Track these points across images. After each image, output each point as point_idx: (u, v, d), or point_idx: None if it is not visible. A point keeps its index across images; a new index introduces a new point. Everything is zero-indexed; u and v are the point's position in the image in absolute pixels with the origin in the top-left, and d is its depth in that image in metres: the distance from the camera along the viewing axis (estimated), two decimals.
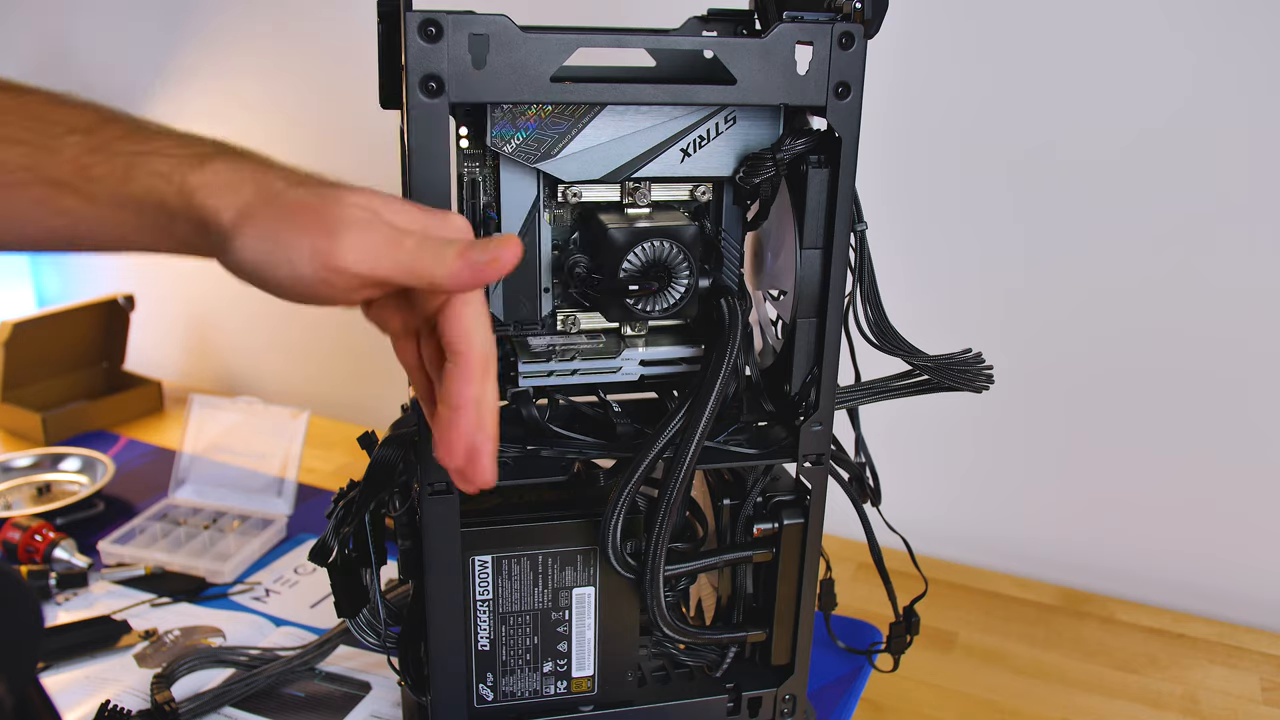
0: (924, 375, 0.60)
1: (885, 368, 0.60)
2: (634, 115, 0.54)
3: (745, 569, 0.62)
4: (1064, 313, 0.91)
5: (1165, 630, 0.85)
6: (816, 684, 0.76)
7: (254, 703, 0.71)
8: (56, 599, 0.85)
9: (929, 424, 0.96)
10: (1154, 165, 0.84)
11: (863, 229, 0.57)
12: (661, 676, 0.64)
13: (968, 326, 0.94)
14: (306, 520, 0.98)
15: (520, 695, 0.59)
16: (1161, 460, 0.90)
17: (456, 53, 0.47)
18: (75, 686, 0.73)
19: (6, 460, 1.06)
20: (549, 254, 0.58)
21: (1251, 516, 0.88)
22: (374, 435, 0.59)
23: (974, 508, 0.99)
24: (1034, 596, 0.90)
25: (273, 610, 0.85)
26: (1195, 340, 0.87)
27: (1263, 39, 0.79)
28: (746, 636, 0.62)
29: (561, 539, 0.57)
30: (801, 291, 0.56)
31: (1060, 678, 0.79)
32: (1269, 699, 0.77)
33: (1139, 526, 0.92)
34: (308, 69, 1.22)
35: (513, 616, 0.58)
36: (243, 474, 1.01)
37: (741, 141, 0.56)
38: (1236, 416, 0.87)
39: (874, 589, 0.73)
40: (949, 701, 0.76)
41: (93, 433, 1.20)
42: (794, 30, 0.51)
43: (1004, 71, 0.88)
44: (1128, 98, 0.84)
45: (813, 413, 0.58)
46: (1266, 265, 0.83)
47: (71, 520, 0.96)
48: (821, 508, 0.60)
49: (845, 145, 0.53)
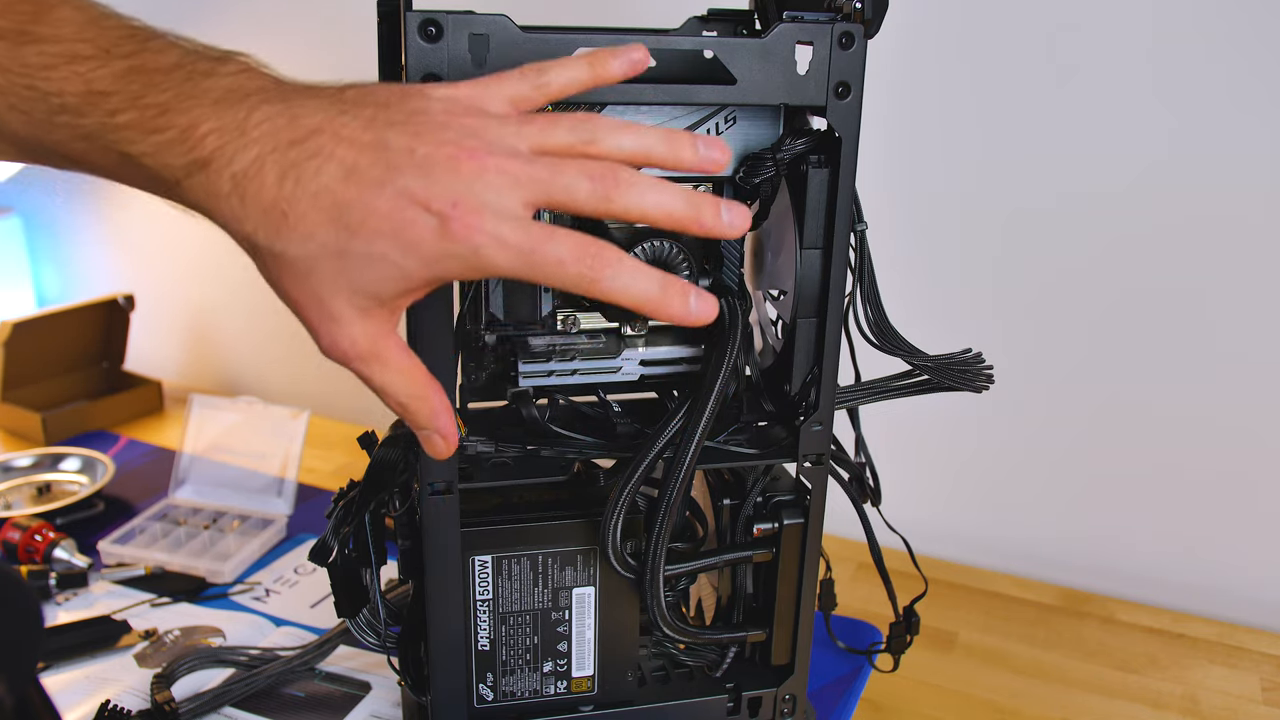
0: (924, 375, 0.60)
1: (885, 368, 0.60)
2: (634, 115, 0.54)
3: (745, 569, 0.62)
4: (1064, 312, 0.91)
5: (1165, 630, 0.85)
6: (816, 684, 0.76)
7: (254, 703, 0.71)
8: (56, 599, 0.85)
9: (929, 424, 0.96)
10: (1155, 164, 0.84)
11: (863, 229, 0.57)
12: (661, 676, 0.64)
13: (968, 326, 0.94)
14: (306, 520, 0.98)
15: (520, 695, 0.59)
16: (1162, 460, 0.90)
17: (456, 53, 0.47)
18: (75, 686, 0.73)
19: (6, 460, 1.06)
20: None
21: (1252, 517, 0.88)
22: (374, 435, 0.59)
23: (974, 508, 0.99)
24: (1034, 596, 0.90)
25: (273, 610, 0.85)
26: (1196, 340, 0.87)
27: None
28: (746, 636, 0.62)
29: (561, 539, 0.57)
30: (801, 291, 0.56)
31: (1060, 678, 0.79)
32: (1269, 699, 0.77)
33: (1139, 526, 0.92)
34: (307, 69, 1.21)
35: (513, 616, 0.58)
36: (243, 474, 1.01)
37: (741, 141, 0.56)
38: (1237, 416, 0.87)
39: (874, 589, 0.73)
40: (949, 701, 0.76)
41: (93, 433, 1.20)
42: (794, 30, 0.51)
43: (1005, 71, 0.88)
44: (1129, 97, 0.84)
45: (813, 413, 0.58)
46: (1271, 270, 0.83)
47: (71, 520, 0.96)
48: (821, 508, 0.60)
49: (845, 145, 0.53)
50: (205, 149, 0.37)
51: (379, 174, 0.37)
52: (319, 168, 0.37)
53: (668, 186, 0.40)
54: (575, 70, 0.42)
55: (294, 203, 0.37)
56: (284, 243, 0.38)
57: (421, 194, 0.37)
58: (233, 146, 0.37)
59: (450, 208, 0.37)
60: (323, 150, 0.37)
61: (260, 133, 0.37)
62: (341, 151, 0.37)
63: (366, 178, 0.37)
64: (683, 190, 0.40)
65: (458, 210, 0.37)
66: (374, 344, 0.41)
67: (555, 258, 0.38)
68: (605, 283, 0.38)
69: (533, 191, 0.38)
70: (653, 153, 0.41)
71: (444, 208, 0.37)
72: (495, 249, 0.37)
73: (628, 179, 0.39)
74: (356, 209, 0.37)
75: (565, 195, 0.39)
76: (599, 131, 0.40)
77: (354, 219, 0.37)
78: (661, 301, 0.40)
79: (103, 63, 0.38)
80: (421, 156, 0.37)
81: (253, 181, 0.37)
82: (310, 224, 0.37)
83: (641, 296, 0.39)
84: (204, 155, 0.37)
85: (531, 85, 0.42)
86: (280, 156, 0.37)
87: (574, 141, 0.40)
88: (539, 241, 0.38)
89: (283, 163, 0.37)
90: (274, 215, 0.37)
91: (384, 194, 0.37)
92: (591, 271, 0.38)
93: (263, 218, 0.37)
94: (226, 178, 0.37)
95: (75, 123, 0.39)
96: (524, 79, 0.42)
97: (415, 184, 0.37)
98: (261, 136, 0.37)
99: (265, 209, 0.37)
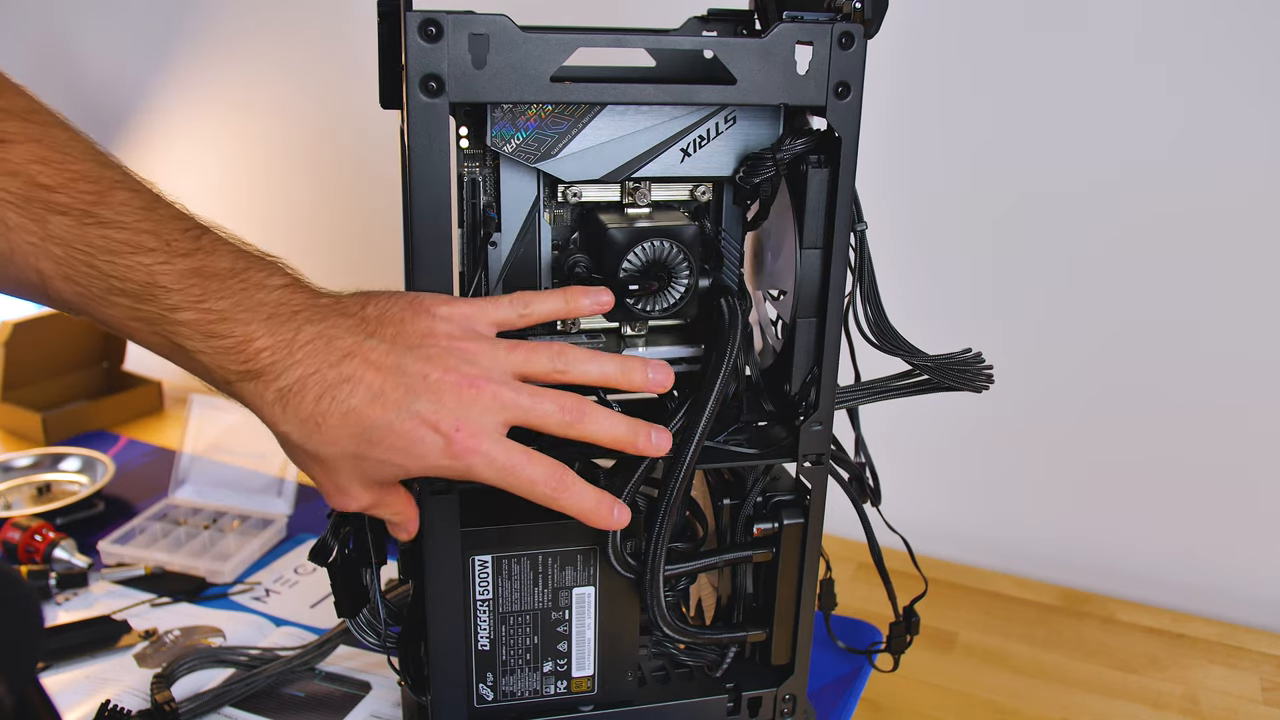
0: (924, 375, 0.60)
1: (885, 368, 0.60)
2: (634, 115, 0.54)
3: (745, 569, 0.62)
4: (1065, 312, 0.91)
5: (1165, 630, 0.85)
6: (816, 684, 0.76)
7: (254, 703, 0.71)
8: (56, 599, 0.85)
9: (929, 424, 0.96)
10: (1157, 163, 0.84)
11: (863, 229, 0.57)
12: (661, 676, 0.64)
13: (968, 326, 0.94)
14: (306, 520, 0.98)
15: (520, 695, 0.59)
16: (1162, 460, 0.90)
17: (456, 53, 0.47)
18: (75, 686, 0.73)
19: (6, 460, 1.06)
20: (549, 254, 0.58)
21: (1252, 517, 0.88)
22: None
23: (974, 508, 0.99)
24: (1034, 596, 0.90)
25: (273, 610, 0.85)
26: (1196, 339, 0.87)
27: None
28: (746, 636, 0.62)
29: (561, 539, 0.57)
30: (801, 291, 0.56)
31: (1060, 678, 0.79)
32: (1269, 699, 0.77)
33: (1139, 526, 0.92)
34: (308, 68, 1.22)
35: (513, 616, 0.58)
36: (243, 474, 1.01)
37: (741, 141, 0.56)
38: (1237, 416, 0.87)
39: (874, 589, 0.73)
40: (949, 701, 0.76)
41: (93, 433, 1.20)
42: (794, 30, 0.51)
43: (1005, 71, 0.88)
44: (1130, 96, 0.84)
45: (813, 413, 0.58)
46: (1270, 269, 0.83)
47: (71, 520, 0.96)
48: (821, 508, 0.60)
49: (845, 145, 0.53)
50: (259, 363, 0.45)
51: (398, 398, 0.45)
52: (350, 391, 0.45)
53: (615, 417, 0.50)
54: (553, 302, 0.52)
55: (327, 417, 0.45)
56: (315, 445, 0.46)
57: (431, 417, 0.45)
58: (281, 365, 0.45)
59: (454, 431, 0.45)
60: (354, 376, 0.45)
61: (304, 354, 0.45)
62: (369, 376, 0.45)
63: (389, 401, 0.45)
64: (622, 418, 0.50)
65: (460, 434, 0.46)
66: (374, 501, 0.50)
67: (528, 478, 0.47)
68: (566, 492, 0.48)
69: (515, 415, 0.47)
70: (609, 377, 0.50)
71: (449, 431, 0.45)
72: (484, 466, 0.46)
73: (590, 413, 0.49)
74: (379, 429, 0.45)
75: (540, 420, 0.48)
76: (570, 362, 0.49)
77: (375, 436, 0.45)
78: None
79: (165, 259, 0.44)
80: (434, 382, 0.46)
81: (295, 396, 0.45)
82: (339, 435, 0.45)
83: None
84: (257, 368, 0.45)
85: (518, 313, 0.51)
86: (320, 379, 0.45)
87: (550, 370, 0.49)
88: (520, 464, 0.47)
89: (321, 385, 0.45)
90: (310, 424, 0.45)
91: (402, 416, 0.45)
92: (556, 490, 0.48)
93: (300, 425, 0.45)
94: (274, 390, 0.45)
95: (134, 307, 0.44)
96: (512, 307, 0.50)
97: (427, 409, 0.45)
98: (305, 358, 0.45)
99: (303, 419, 0.45)
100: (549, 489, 0.48)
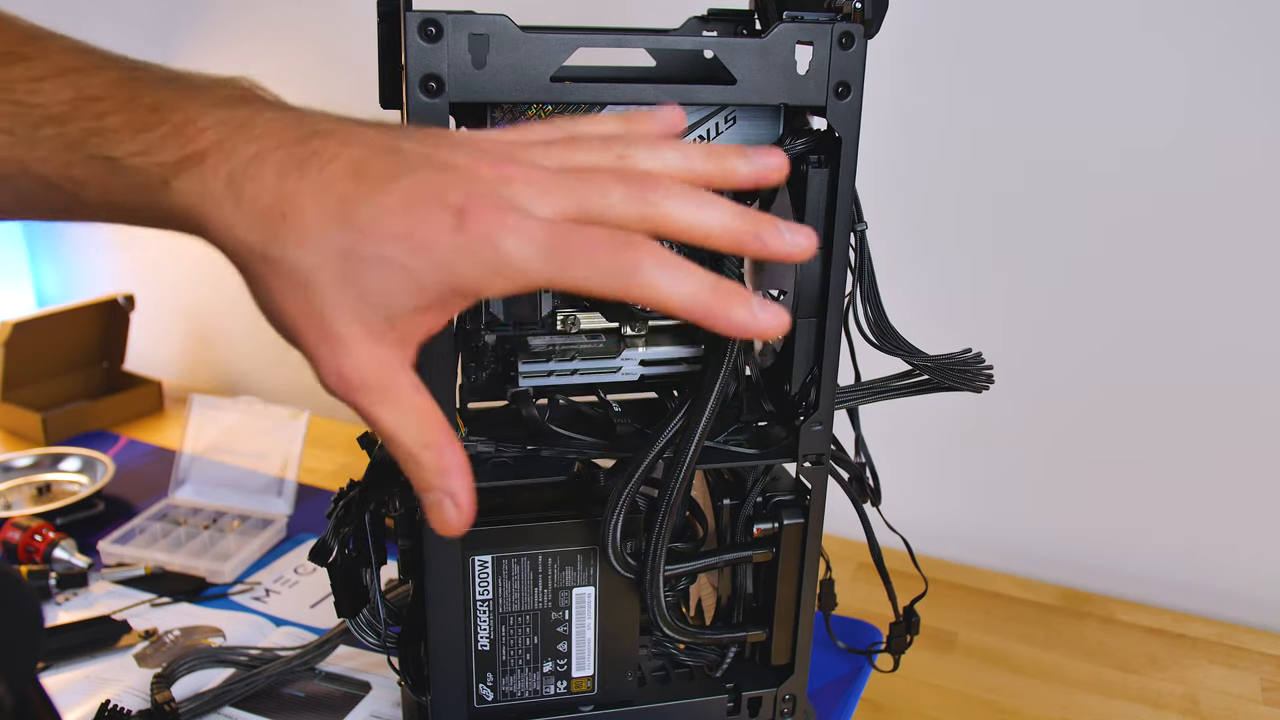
0: (924, 375, 0.60)
1: (885, 368, 0.60)
2: None
3: (745, 569, 0.62)
4: (1065, 312, 0.91)
5: (1165, 630, 0.85)
6: (816, 684, 0.76)
7: (254, 703, 0.71)
8: (56, 599, 0.85)
9: (929, 424, 0.96)
10: (1157, 163, 0.84)
11: (863, 229, 0.57)
12: (661, 676, 0.64)
13: (968, 326, 0.94)
14: (306, 520, 0.98)
15: (520, 695, 0.59)
16: (1162, 460, 0.90)
17: (456, 53, 0.47)
18: (75, 686, 0.73)
19: (6, 460, 1.06)
20: None
21: (1252, 517, 0.88)
22: (374, 435, 0.59)
23: (974, 508, 0.99)
24: (1034, 596, 0.90)
25: (273, 610, 0.85)
26: (1196, 339, 0.87)
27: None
28: (746, 636, 0.62)
29: (561, 539, 0.57)
30: (801, 291, 0.56)
31: (1060, 678, 0.79)
32: (1269, 699, 0.77)
33: (1139, 526, 0.92)
34: (307, 68, 1.22)
35: (513, 616, 0.58)
36: (243, 474, 1.01)
37: (741, 141, 0.56)
38: (1237, 416, 0.87)
39: (874, 589, 0.73)
40: (949, 701, 0.76)
41: (93, 433, 1.20)
42: (794, 30, 0.51)
43: (1006, 70, 0.88)
44: (1132, 96, 0.84)
45: (813, 413, 0.58)
46: (1270, 269, 0.83)
47: (71, 520, 0.96)
48: (821, 508, 0.60)
49: (845, 145, 0.53)
50: (202, 142, 0.33)
51: (392, 169, 0.33)
52: (325, 164, 0.33)
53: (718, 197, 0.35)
54: (609, 125, 0.39)
55: (294, 199, 0.33)
56: (280, 246, 0.33)
57: (437, 187, 0.33)
58: (232, 141, 0.33)
59: (469, 200, 0.32)
60: (328, 150, 0.33)
61: (263, 130, 0.34)
62: (351, 151, 0.33)
63: (377, 173, 0.33)
64: (734, 204, 0.35)
65: (478, 205, 0.32)
66: (384, 375, 0.35)
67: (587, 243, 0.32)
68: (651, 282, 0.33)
69: (561, 199, 0.33)
70: (696, 169, 0.36)
71: (462, 201, 0.32)
72: (520, 244, 0.32)
73: (671, 187, 0.34)
74: (365, 205, 0.32)
75: (600, 202, 0.33)
76: (632, 148, 0.35)
77: (361, 216, 0.32)
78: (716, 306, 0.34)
79: (94, 73, 0.35)
80: (439, 160, 0.34)
81: (251, 181, 0.33)
82: (311, 222, 0.33)
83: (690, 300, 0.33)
84: (200, 149, 0.33)
85: (564, 134, 0.38)
86: (284, 153, 0.33)
87: (605, 160, 0.36)
88: (570, 232, 0.32)
89: (285, 159, 0.33)
90: (272, 218, 0.33)
91: (397, 188, 0.33)
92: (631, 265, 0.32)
93: (259, 221, 0.33)
94: (223, 175, 0.33)
95: (60, 132, 0.34)
96: (555, 127, 0.38)
97: (431, 178, 0.33)
98: (264, 134, 0.33)
99: (262, 212, 0.33)
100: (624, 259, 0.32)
